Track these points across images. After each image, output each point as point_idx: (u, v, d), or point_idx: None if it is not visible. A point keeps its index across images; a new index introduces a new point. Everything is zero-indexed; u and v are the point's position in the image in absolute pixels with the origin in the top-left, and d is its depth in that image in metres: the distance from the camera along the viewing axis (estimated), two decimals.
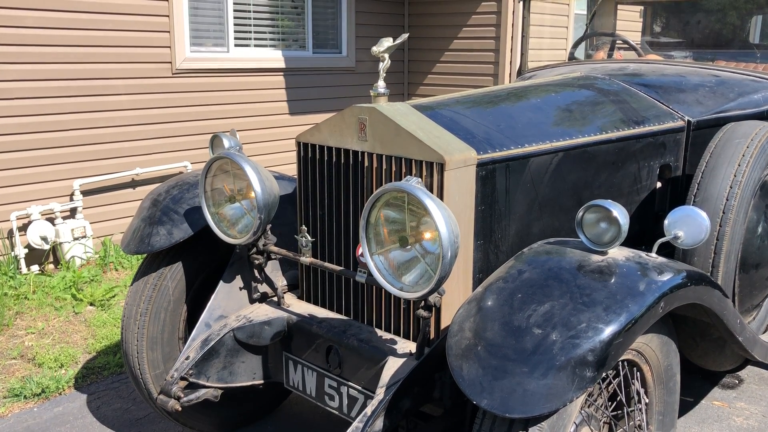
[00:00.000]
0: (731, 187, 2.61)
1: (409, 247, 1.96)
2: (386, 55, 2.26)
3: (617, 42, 4.68)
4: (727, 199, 2.60)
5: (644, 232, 3.01)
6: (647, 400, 2.19)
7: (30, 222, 4.93)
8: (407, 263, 1.98)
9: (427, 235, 1.94)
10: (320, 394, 2.41)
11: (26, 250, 4.94)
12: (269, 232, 2.51)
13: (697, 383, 3.47)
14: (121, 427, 3.14)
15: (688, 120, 3.08)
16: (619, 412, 2.11)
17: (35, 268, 4.99)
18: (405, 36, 2.31)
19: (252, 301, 2.64)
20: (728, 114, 3.24)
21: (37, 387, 3.41)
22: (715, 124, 3.10)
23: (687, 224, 2.00)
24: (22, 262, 4.90)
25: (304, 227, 2.40)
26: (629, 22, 6.06)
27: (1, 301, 4.31)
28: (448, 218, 1.84)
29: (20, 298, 4.49)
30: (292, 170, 2.78)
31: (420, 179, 1.92)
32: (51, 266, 5.13)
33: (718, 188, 2.63)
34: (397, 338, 2.30)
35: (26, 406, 3.33)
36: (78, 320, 4.26)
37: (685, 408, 3.25)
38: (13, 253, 4.91)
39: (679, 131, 3.05)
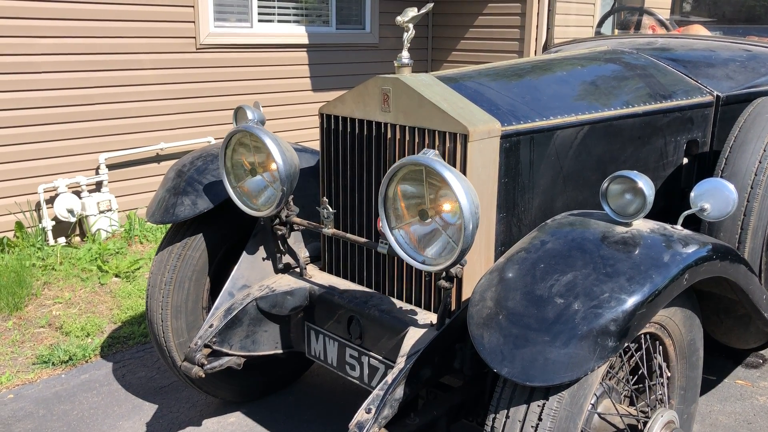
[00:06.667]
0: (760, 162, 2.56)
1: (429, 220, 1.96)
2: (410, 25, 2.23)
3: (647, 17, 4.59)
4: (755, 174, 2.56)
5: (670, 208, 2.97)
6: (669, 374, 2.17)
7: (57, 195, 5.01)
8: (428, 236, 1.97)
9: (447, 207, 1.93)
10: (341, 363, 2.43)
11: (53, 223, 5.02)
12: (292, 203, 2.52)
13: (720, 362, 3.44)
14: (146, 394, 3.20)
15: (717, 95, 3.02)
16: (641, 385, 2.10)
17: (62, 240, 5.08)
18: (430, 5, 2.29)
19: (275, 271, 2.66)
20: (759, 89, 3.17)
21: (64, 354, 3.49)
22: (745, 99, 3.04)
23: (714, 196, 1.97)
24: (50, 234, 4.99)
25: (325, 199, 2.40)
26: None
27: (30, 272, 4.39)
28: (468, 189, 1.83)
29: (48, 268, 4.58)
30: (314, 147, 2.79)
31: (437, 151, 1.90)
32: (77, 238, 5.21)
33: (746, 163, 2.58)
34: (418, 309, 2.31)
35: (54, 372, 3.40)
36: (104, 291, 4.34)
37: (707, 386, 3.23)
38: (40, 225, 4.99)
39: (708, 106, 3.00)
